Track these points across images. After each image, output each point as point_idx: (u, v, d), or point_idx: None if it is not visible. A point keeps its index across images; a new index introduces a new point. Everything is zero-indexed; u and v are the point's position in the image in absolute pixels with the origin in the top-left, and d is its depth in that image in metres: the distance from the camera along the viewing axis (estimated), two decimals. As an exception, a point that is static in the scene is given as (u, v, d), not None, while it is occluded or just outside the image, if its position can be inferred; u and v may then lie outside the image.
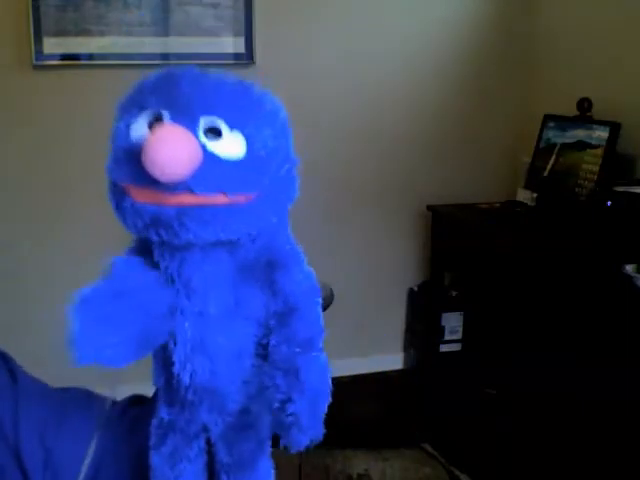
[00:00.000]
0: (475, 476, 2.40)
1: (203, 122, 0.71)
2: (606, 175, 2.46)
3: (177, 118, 0.71)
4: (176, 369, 0.76)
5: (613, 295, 2.10)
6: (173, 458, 0.79)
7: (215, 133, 0.71)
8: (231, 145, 0.72)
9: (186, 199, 0.69)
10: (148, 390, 0.88)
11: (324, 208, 3.06)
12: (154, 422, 0.80)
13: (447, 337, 3.08)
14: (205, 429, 0.80)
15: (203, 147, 0.70)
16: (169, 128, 0.70)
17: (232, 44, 2.80)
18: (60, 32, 2.61)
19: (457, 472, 2.42)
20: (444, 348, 3.08)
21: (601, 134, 2.52)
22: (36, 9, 2.56)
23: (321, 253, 3.06)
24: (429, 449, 2.56)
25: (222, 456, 0.80)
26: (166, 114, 0.72)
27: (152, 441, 0.79)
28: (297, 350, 0.78)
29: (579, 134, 2.64)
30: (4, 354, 0.85)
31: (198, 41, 2.76)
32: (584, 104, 2.63)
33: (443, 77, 3.09)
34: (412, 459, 2.49)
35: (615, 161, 2.51)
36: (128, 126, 0.74)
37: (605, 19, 2.72)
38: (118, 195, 0.72)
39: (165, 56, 2.75)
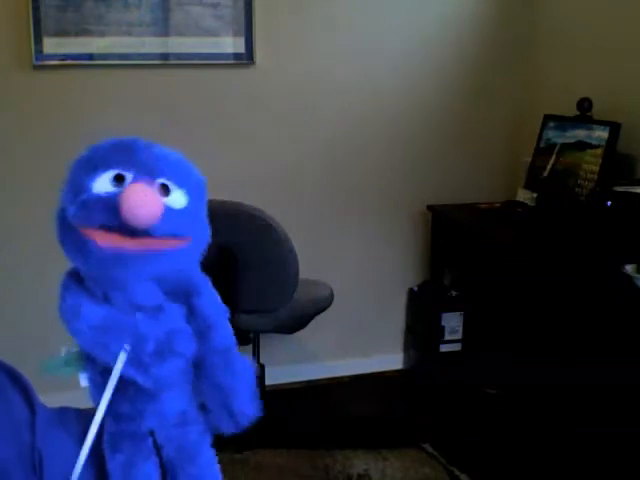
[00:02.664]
0: (475, 476, 2.40)
1: (158, 182, 0.90)
2: (606, 175, 2.46)
3: (139, 178, 0.89)
4: (138, 376, 0.90)
5: (613, 295, 2.10)
6: (129, 463, 0.93)
7: (165, 190, 0.91)
8: (177, 199, 0.92)
9: (146, 242, 0.87)
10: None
11: (324, 208, 3.07)
12: (105, 437, 0.93)
13: (447, 337, 3.08)
14: (151, 432, 0.94)
15: (169, 201, 0.90)
16: (141, 186, 0.88)
17: (232, 44, 2.80)
18: (60, 32, 2.61)
19: (457, 472, 2.42)
20: (444, 348, 3.09)
21: (601, 134, 2.52)
22: (36, 9, 2.57)
23: (321, 253, 3.06)
24: (429, 449, 2.56)
25: (169, 452, 0.95)
26: (129, 175, 0.90)
27: (107, 453, 0.93)
28: (220, 357, 0.98)
29: (579, 134, 2.64)
30: (22, 381, 0.90)
31: (198, 41, 2.76)
32: (584, 104, 2.63)
33: (443, 77, 3.09)
34: (412, 459, 2.49)
35: (615, 161, 2.51)
36: (90, 182, 0.90)
37: (605, 19, 2.72)
38: (76, 237, 0.89)
39: (165, 56, 2.75)
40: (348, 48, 2.96)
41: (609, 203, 2.32)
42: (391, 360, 3.27)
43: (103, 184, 0.90)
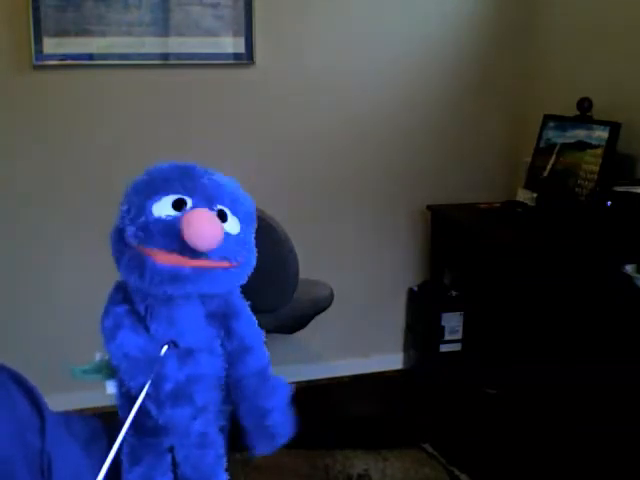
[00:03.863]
0: (475, 476, 2.40)
1: (217, 208, 0.97)
2: (606, 175, 2.46)
3: (199, 204, 0.94)
4: (152, 410, 0.94)
5: (613, 295, 2.10)
6: (146, 477, 0.98)
7: (223, 215, 0.97)
8: (232, 225, 0.98)
9: (202, 263, 0.92)
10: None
11: (324, 208, 3.07)
12: (125, 449, 0.97)
13: (447, 337, 3.08)
14: (171, 449, 0.99)
15: (226, 227, 0.96)
16: (204, 211, 0.93)
17: (232, 44, 2.80)
18: (60, 32, 2.61)
19: (457, 472, 2.42)
20: (444, 348, 3.09)
21: (601, 134, 2.52)
22: (36, 9, 2.57)
23: (321, 253, 3.06)
24: (429, 449, 2.56)
25: (185, 471, 1.01)
26: (189, 200, 0.95)
27: (125, 465, 0.97)
28: (256, 379, 1.06)
29: (579, 134, 2.64)
30: (26, 385, 0.91)
31: (198, 41, 2.76)
32: (584, 104, 2.63)
33: (443, 77, 3.09)
34: (412, 459, 2.49)
35: (615, 161, 2.51)
36: (151, 204, 0.95)
37: (605, 19, 2.72)
38: (133, 254, 0.93)
39: (165, 56, 2.75)
40: (348, 48, 2.96)
41: (609, 203, 2.32)
42: (391, 360, 3.27)
43: (164, 208, 0.94)
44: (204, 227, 0.91)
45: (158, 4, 2.69)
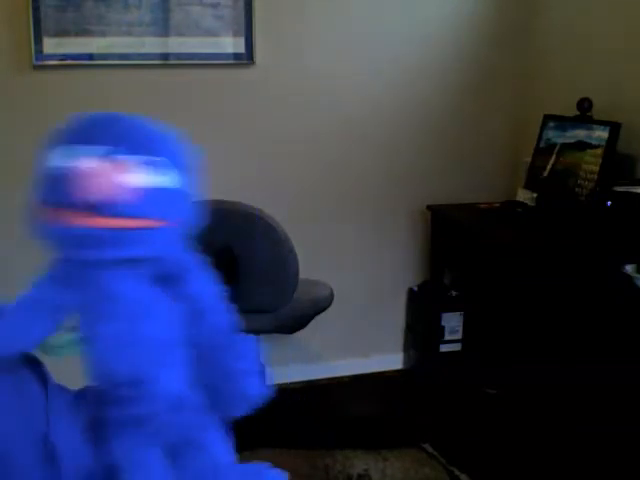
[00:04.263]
0: (475, 476, 2.40)
1: (149, 159, 0.86)
2: (606, 175, 2.46)
3: (112, 154, 0.84)
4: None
5: (613, 295, 2.10)
6: (133, 450, 0.91)
7: (158, 170, 0.85)
8: (170, 180, 0.86)
9: (114, 222, 0.80)
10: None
11: (324, 208, 3.06)
12: (110, 424, 0.90)
13: (447, 337, 3.08)
14: (153, 417, 0.90)
15: (150, 181, 0.83)
16: (99, 159, 0.81)
17: (232, 44, 2.80)
18: (60, 32, 2.61)
19: (457, 472, 2.42)
20: (444, 348, 3.09)
21: (601, 134, 2.52)
22: (36, 9, 2.57)
23: (321, 253, 3.06)
24: (429, 449, 2.56)
25: (173, 437, 0.93)
26: (101, 148, 0.85)
27: (112, 440, 0.91)
28: (222, 337, 0.96)
29: (579, 134, 2.64)
30: (40, 369, 0.89)
31: (198, 41, 2.76)
32: (584, 104, 2.63)
33: (443, 77, 3.09)
34: (412, 459, 2.49)
35: (615, 161, 2.51)
36: (51, 153, 0.85)
37: (605, 19, 2.72)
38: (43, 225, 0.85)
39: (165, 56, 2.75)
40: (348, 48, 2.96)
41: (609, 203, 2.32)
42: (391, 360, 3.27)
43: (63, 156, 0.85)
44: (92, 179, 0.79)
45: (158, 4, 2.69)
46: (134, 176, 0.83)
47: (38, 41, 2.60)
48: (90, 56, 2.68)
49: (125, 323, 0.86)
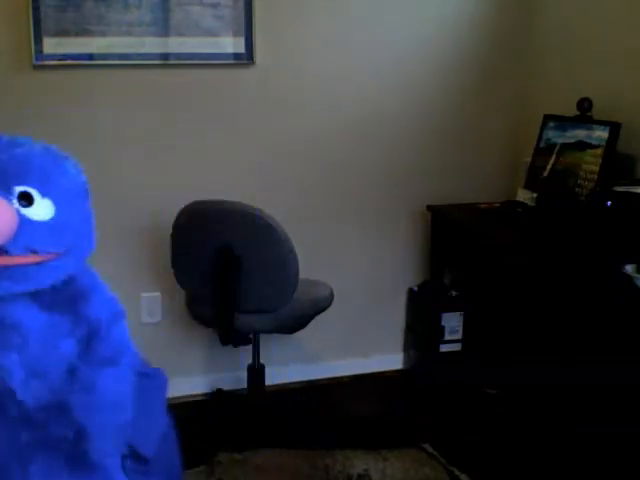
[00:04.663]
0: (475, 476, 2.40)
1: (17, 191, 0.80)
2: (606, 175, 2.46)
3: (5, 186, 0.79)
4: (19, 395, 0.87)
5: (613, 295, 2.10)
6: None
7: (27, 200, 0.80)
8: (42, 210, 0.81)
9: (1, 260, 0.78)
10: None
11: (324, 208, 3.06)
12: (23, 445, 0.90)
13: (447, 337, 3.08)
14: (67, 438, 0.90)
15: (17, 212, 0.79)
16: None
17: (232, 44, 2.80)
18: (60, 32, 2.61)
19: (457, 472, 2.42)
20: (444, 348, 3.08)
21: (601, 134, 2.52)
22: (36, 9, 2.56)
23: (321, 253, 3.06)
24: (429, 449, 2.56)
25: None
26: None
27: None
28: (96, 368, 0.90)
29: (579, 134, 2.64)
30: None
31: (198, 41, 2.76)
32: (584, 104, 2.63)
33: (443, 77, 3.09)
34: (412, 459, 2.49)
35: (615, 161, 2.51)
36: None
37: (605, 19, 2.72)
38: None
39: (165, 56, 2.75)
40: (348, 48, 2.96)
41: (609, 203, 2.32)
42: (391, 360, 3.27)
43: None
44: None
45: (158, 4, 2.69)
46: (34, 209, 0.82)
47: (38, 41, 2.59)
48: (90, 56, 2.68)
49: (30, 350, 0.87)
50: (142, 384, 0.97)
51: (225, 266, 2.39)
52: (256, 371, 2.76)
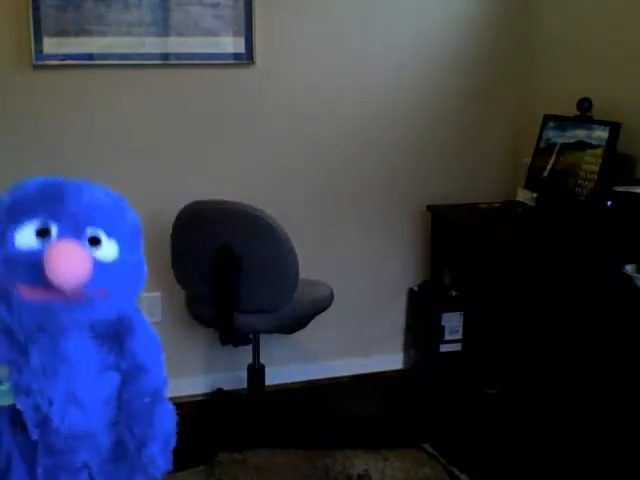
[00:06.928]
0: (475, 476, 2.40)
1: (88, 234, 0.87)
2: (606, 175, 2.46)
3: (66, 231, 0.85)
4: (55, 423, 0.93)
5: (613, 295, 2.10)
6: None
7: (96, 241, 0.87)
8: (109, 250, 0.88)
9: (75, 296, 0.85)
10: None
11: (324, 208, 3.07)
12: (39, 470, 0.95)
13: (447, 337, 3.08)
14: (86, 465, 0.96)
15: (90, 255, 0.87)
16: (66, 245, 0.83)
17: (232, 44, 2.80)
18: (60, 32, 2.61)
19: (457, 472, 2.42)
20: (444, 348, 3.08)
21: (601, 134, 2.52)
22: (36, 9, 2.57)
23: (321, 253, 3.06)
24: (429, 449, 2.56)
25: None
26: (54, 227, 0.86)
27: None
28: (147, 400, 0.97)
29: (579, 134, 2.64)
30: None
31: (198, 41, 2.76)
32: (584, 104, 2.63)
33: (443, 77, 3.09)
34: (412, 459, 2.49)
35: (615, 161, 2.51)
36: (13, 232, 0.86)
37: (605, 19, 2.72)
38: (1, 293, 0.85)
39: (165, 56, 2.75)
40: (348, 49, 2.96)
41: (609, 203, 2.32)
42: (391, 360, 3.27)
43: (27, 237, 0.85)
44: (64, 265, 0.81)
45: (158, 4, 2.69)
46: (102, 251, 0.88)
47: (38, 41, 2.60)
48: (90, 56, 2.68)
49: (77, 380, 0.94)
50: None
51: (225, 266, 2.39)
52: (256, 371, 2.76)
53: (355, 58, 2.97)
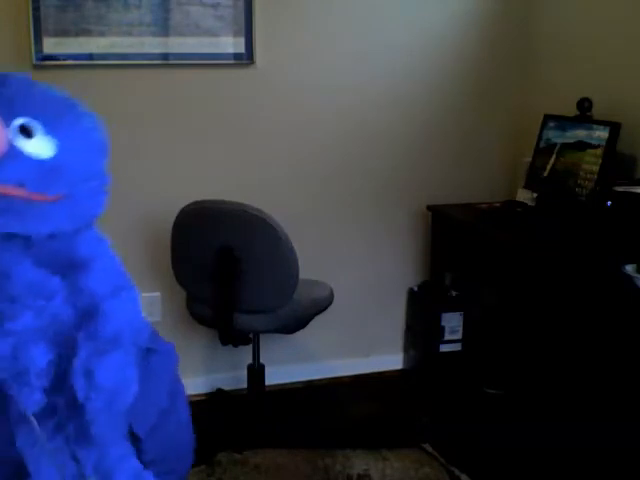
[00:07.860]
0: (475, 476, 2.40)
1: (19, 120, 0.78)
2: (606, 175, 2.46)
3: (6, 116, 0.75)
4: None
5: (613, 295, 2.10)
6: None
7: (28, 133, 0.77)
8: (41, 146, 0.78)
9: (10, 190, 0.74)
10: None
11: (324, 208, 3.06)
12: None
13: (447, 337, 3.08)
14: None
15: (11, 142, 0.76)
16: None
17: (232, 44, 2.80)
18: (60, 32, 2.61)
19: (457, 472, 2.42)
20: (444, 348, 3.08)
21: (601, 134, 2.52)
22: (36, 9, 2.56)
23: (321, 253, 3.06)
24: (429, 449, 2.56)
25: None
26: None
27: None
28: (100, 348, 0.82)
29: (579, 134, 2.64)
30: None
31: (198, 41, 2.76)
32: (584, 104, 2.63)
33: (443, 77, 3.09)
34: (412, 459, 2.49)
35: (615, 161, 2.51)
36: None
37: (605, 19, 2.72)
38: None
39: (165, 56, 2.75)
40: (348, 48, 2.96)
41: (609, 203, 2.32)
42: (391, 360, 3.27)
43: None
44: None
45: (158, 4, 2.69)
46: (32, 143, 0.78)
47: (38, 41, 2.59)
48: (90, 56, 2.68)
49: (8, 304, 0.79)
50: (146, 362, 0.90)
51: (225, 266, 2.39)
52: (256, 371, 2.76)
53: (355, 58, 2.97)
